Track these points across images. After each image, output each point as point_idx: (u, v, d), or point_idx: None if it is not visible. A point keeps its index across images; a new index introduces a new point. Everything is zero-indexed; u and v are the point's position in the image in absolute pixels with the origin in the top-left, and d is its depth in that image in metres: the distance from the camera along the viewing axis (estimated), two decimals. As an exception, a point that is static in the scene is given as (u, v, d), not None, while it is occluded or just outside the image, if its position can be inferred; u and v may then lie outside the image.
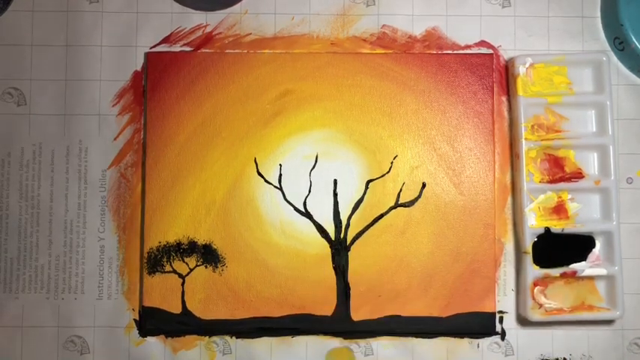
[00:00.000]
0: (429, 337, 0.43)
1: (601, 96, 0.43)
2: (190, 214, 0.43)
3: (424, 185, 0.44)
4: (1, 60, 0.44)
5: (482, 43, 0.45)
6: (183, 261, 0.43)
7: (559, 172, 0.44)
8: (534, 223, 0.43)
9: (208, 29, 0.45)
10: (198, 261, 0.43)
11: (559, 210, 0.43)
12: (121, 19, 0.45)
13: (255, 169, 0.43)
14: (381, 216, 0.43)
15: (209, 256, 0.43)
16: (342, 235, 0.43)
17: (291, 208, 0.43)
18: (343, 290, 0.43)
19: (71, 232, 0.44)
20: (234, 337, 0.43)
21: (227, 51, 0.44)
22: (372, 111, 0.44)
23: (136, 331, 0.43)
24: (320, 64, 0.44)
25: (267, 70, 0.44)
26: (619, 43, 0.44)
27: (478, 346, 0.43)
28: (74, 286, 0.44)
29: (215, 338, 0.43)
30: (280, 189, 0.44)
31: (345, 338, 0.43)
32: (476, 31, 0.45)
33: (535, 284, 0.43)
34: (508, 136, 0.45)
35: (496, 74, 0.44)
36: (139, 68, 0.45)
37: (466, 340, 0.43)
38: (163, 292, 0.43)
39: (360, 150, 0.44)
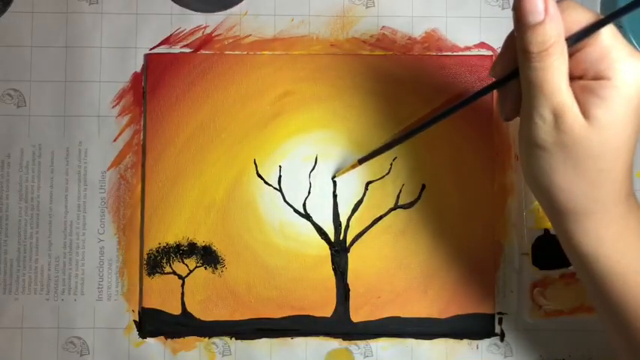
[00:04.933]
0: (428, 339, 0.43)
1: (600, 97, 0.43)
2: (190, 216, 0.43)
3: (424, 187, 0.44)
4: (0, 61, 0.44)
5: (482, 45, 0.45)
6: (183, 262, 0.43)
7: (558, 173, 0.44)
8: (534, 224, 0.43)
9: (208, 30, 0.45)
10: (197, 262, 0.43)
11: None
12: (120, 21, 0.45)
13: (255, 171, 0.43)
14: (381, 217, 0.43)
15: (209, 257, 0.43)
16: (341, 237, 0.43)
17: (291, 210, 0.43)
18: (343, 291, 0.43)
19: (71, 233, 0.44)
20: (233, 339, 0.43)
21: (227, 52, 0.44)
22: (371, 112, 0.44)
23: (135, 333, 0.43)
24: (320, 66, 0.44)
25: (267, 71, 0.44)
26: (619, 44, 0.44)
27: (477, 348, 0.43)
28: (74, 287, 0.44)
29: (215, 339, 0.43)
30: (280, 190, 0.44)
31: (344, 339, 0.43)
32: (475, 32, 0.45)
33: (534, 286, 0.43)
34: (508, 136, 0.45)
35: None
36: (138, 69, 0.45)
37: (465, 342, 0.43)
38: (163, 294, 0.43)
39: (359, 151, 0.43)
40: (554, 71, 0.26)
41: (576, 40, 0.27)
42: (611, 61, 0.27)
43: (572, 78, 0.28)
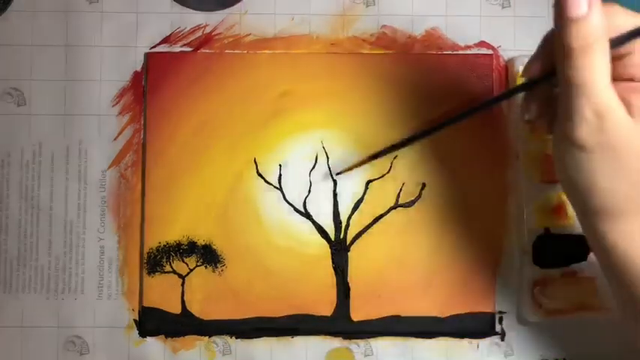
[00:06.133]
0: (428, 338, 0.43)
1: (601, 96, 0.43)
2: (190, 215, 0.43)
3: (424, 185, 0.44)
4: (0, 60, 0.44)
5: (482, 44, 0.45)
6: (183, 261, 0.43)
7: (559, 172, 0.43)
8: (534, 223, 0.43)
9: (208, 30, 0.45)
10: (197, 261, 0.43)
11: (559, 210, 0.43)
12: (120, 20, 0.45)
13: (255, 169, 0.43)
14: (381, 216, 0.43)
15: (209, 256, 0.43)
16: (341, 236, 0.43)
17: (291, 209, 0.43)
18: (343, 290, 0.43)
19: (71, 232, 0.44)
20: (234, 337, 0.43)
21: (227, 51, 0.44)
22: (371, 111, 0.44)
23: (135, 332, 0.43)
24: (320, 65, 0.44)
25: (267, 70, 0.44)
26: (619, 43, 0.44)
27: (478, 347, 0.43)
28: (74, 286, 0.44)
29: (215, 338, 0.43)
30: (280, 189, 0.44)
31: (344, 338, 0.43)
32: (476, 31, 0.45)
33: (535, 284, 0.43)
34: (509, 136, 0.45)
35: (496, 74, 0.44)
36: (138, 68, 0.45)
37: (466, 341, 0.43)
38: (163, 293, 0.43)
39: (359, 150, 0.43)
40: (595, 69, 0.26)
41: (620, 42, 0.27)
42: None
43: (620, 80, 0.27)
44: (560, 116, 0.28)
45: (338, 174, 0.43)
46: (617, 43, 0.27)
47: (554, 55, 0.27)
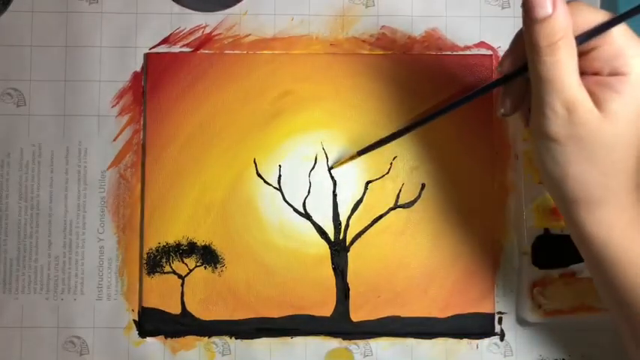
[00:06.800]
0: (428, 338, 0.43)
1: (600, 97, 0.43)
2: (190, 215, 0.43)
3: (423, 186, 0.44)
4: (0, 60, 0.44)
5: (482, 45, 0.45)
6: (183, 262, 0.43)
7: (558, 172, 0.44)
8: (533, 223, 0.43)
9: (208, 30, 0.45)
10: (197, 262, 0.43)
11: (558, 211, 0.43)
12: (120, 20, 0.45)
13: (255, 170, 0.43)
14: (381, 217, 0.43)
15: (208, 256, 0.43)
16: (341, 236, 0.43)
17: (291, 209, 0.43)
18: (342, 291, 0.43)
19: (70, 232, 0.44)
20: (233, 338, 0.43)
21: (226, 52, 0.44)
22: (371, 112, 0.44)
23: (135, 332, 0.43)
24: (319, 65, 0.44)
25: (267, 70, 0.44)
26: (618, 44, 0.44)
27: (477, 347, 0.43)
28: (74, 286, 0.44)
29: (214, 339, 0.43)
30: (280, 190, 0.44)
31: (344, 339, 0.43)
32: (475, 32, 0.45)
33: (534, 285, 0.43)
34: (508, 136, 0.45)
35: (495, 75, 0.44)
36: (138, 69, 0.45)
37: (465, 341, 0.43)
38: (163, 293, 0.43)
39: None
40: (563, 65, 0.27)
41: (586, 38, 0.28)
42: (627, 58, 0.28)
43: (587, 74, 0.29)
44: (534, 110, 0.29)
45: (331, 168, 0.43)
46: (584, 39, 0.28)
47: (526, 52, 0.28)
